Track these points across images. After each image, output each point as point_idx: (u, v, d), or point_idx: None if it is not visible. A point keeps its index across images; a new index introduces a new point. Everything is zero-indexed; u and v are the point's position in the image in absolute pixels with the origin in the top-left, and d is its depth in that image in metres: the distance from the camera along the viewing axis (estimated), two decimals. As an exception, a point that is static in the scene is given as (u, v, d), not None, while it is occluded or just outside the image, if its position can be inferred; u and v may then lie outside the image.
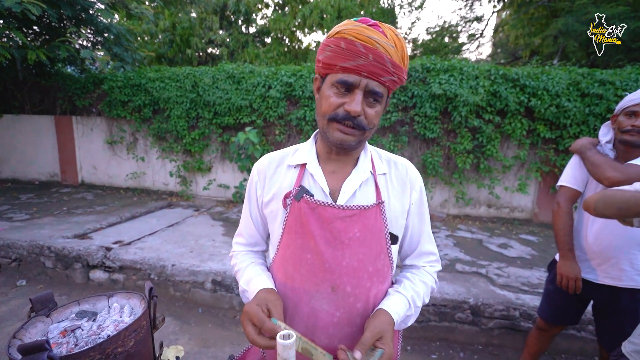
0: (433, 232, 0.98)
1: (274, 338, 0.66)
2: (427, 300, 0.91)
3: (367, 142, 0.90)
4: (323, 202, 0.81)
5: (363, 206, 0.81)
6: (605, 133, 1.57)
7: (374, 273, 0.84)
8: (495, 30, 12.09)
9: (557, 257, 1.75)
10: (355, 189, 0.84)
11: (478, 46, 13.70)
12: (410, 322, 0.89)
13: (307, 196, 0.82)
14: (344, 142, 0.77)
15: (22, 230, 3.60)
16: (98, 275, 3.09)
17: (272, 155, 0.94)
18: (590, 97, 3.96)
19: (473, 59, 13.44)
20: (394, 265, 0.90)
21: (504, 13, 11.36)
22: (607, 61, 6.98)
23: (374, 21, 0.74)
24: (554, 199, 4.35)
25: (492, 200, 4.62)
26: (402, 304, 0.83)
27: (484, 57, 14.17)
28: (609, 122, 1.56)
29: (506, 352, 2.36)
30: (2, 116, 6.00)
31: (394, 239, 0.87)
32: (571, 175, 1.61)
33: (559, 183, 1.66)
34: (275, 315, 0.73)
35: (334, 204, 0.81)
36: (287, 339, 0.63)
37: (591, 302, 1.70)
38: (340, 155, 0.85)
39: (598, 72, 4.03)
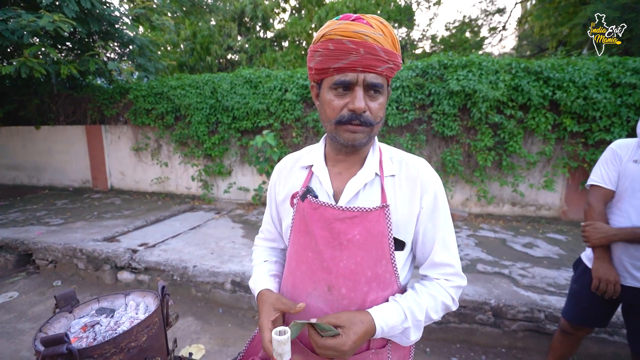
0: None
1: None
2: (435, 317, 0.84)
3: (376, 141, 0.89)
4: (324, 203, 0.81)
5: (365, 208, 0.79)
6: None
7: (373, 278, 0.81)
8: (519, 22, 11.63)
9: (582, 255, 1.66)
10: (358, 189, 0.82)
11: (501, 39, 13.24)
12: (413, 336, 0.83)
13: (311, 197, 0.83)
14: (355, 142, 0.77)
15: (57, 234, 3.84)
16: (125, 276, 3.24)
17: (290, 156, 0.99)
18: (622, 87, 3.73)
19: (496, 53, 13.01)
20: (400, 272, 0.85)
21: (528, 3, 10.92)
22: (642, 48, 6.55)
23: (356, 15, 0.73)
24: (584, 196, 4.16)
25: (517, 198, 4.44)
26: (395, 312, 0.79)
27: (507, 50, 13.67)
28: None
29: (531, 355, 2.27)
30: (40, 128, 6.43)
31: (399, 244, 0.83)
32: (602, 173, 1.52)
33: (589, 182, 1.57)
34: (283, 306, 0.80)
35: (334, 204, 0.81)
36: (282, 335, 0.64)
37: (620, 305, 1.61)
38: (348, 155, 0.85)
39: (631, 60, 3.79)
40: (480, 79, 4.00)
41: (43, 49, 4.71)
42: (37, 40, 4.79)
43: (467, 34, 12.32)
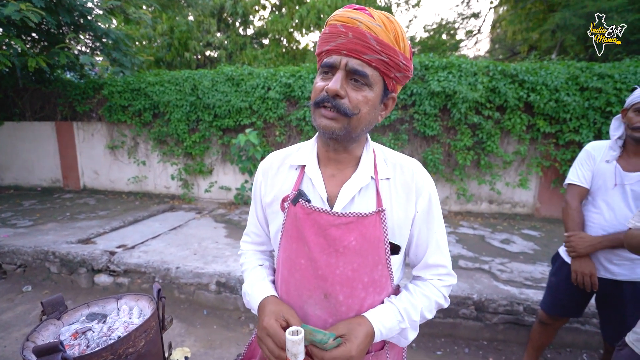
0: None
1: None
2: (429, 316, 0.85)
3: (370, 141, 0.86)
4: (318, 208, 0.77)
5: (361, 214, 0.76)
6: (617, 127, 1.55)
7: (370, 283, 0.80)
8: (493, 26, 12.10)
9: (560, 250, 1.76)
10: (354, 194, 0.79)
11: (476, 42, 13.71)
12: (410, 336, 0.84)
13: (303, 201, 0.79)
14: (326, 129, 0.73)
15: (26, 237, 3.62)
16: (103, 279, 3.11)
17: (275, 154, 0.93)
18: (589, 90, 3.97)
19: (471, 55, 13.47)
20: (395, 275, 0.85)
21: (501, 9, 11.37)
22: (605, 54, 6.99)
23: (362, 6, 0.72)
24: (555, 194, 4.38)
25: (494, 196, 4.63)
26: (391, 314, 0.80)
27: (482, 53, 14.18)
28: (620, 115, 1.54)
29: (511, 346, 2.37)
30: (3, 123, 6.03)
31: (395, 249, 0.82)
32: (578, 173, 1.62)
33: (567, 181, 1.67)
34: (293, 322, 0.75)
35: (329, 210, 0.77)
36: (295, 335, 0.64)
37: (594, 295, 1.71)
38: (338, 153, 0.81)
39: (597, 66, 4.03)
40: (460, 81, 4.12)
41: (7, 40, 4.42)
42: (1, 30, 4.48)
43: (444, 36, 12.67)
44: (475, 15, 12.22)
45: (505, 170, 4.51)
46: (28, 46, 5.51)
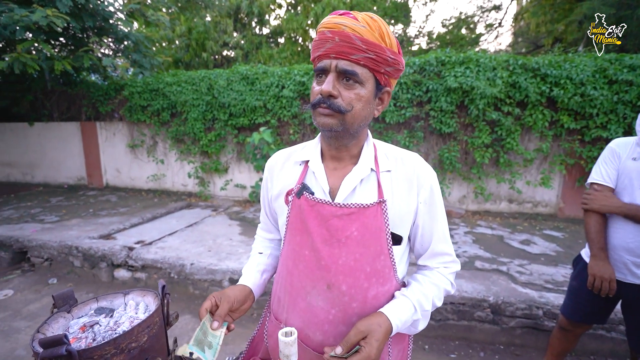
0: (451, 229, 0.92)
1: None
2: (439, 304, 0.87)
3: (370, 137, 0.89)
4: (321, 200, 0.81)
5: (362, 205, 0.79)
6: None
7: (372, 274, 0.81)
8: (515, 19, 11.64)
9: (582, 252, 1.67)
10: (355, 185, 0.82)
11: (497, 36, 13.23)
12: (421, 326, 0.86)
13: (307, 193, 0.82)
14: (325, 126, 0.77)
15: (53, 232, 3.80)
16: (122, 274, 3.22)
17: (281, 152, 0.97)
18: (618, 83, 3.75)
19: (492, 49, 13.02)
20: (398, 266, 0.86)
21: (524, 0, 10.93)
22: (638, 45, 6.59)
23: (346, 11, 0.76)
24: (580, 193, 4.18)
25: (514, 195, 4.46)
26: (406, 307, 0.81)
27: (503, 47, 13.69)
28: None
29: (529, 352, 2.28)
30: (34, 124, 6.34)
31: (396, 239, 0.84)
32: (602, 171, 1.53)
33: (590, 180, 1.58)
34: (219, 311, 0.81)
35: (331, 201, 0.81)
36: (288, 336, 0.63)
37: (620, 301, 1.61)
38: (340, 150, 0.85)
39: (627, 57, 3.81)
40: (478, 76, 3.99)
41: (36, 45, 4.63)
42: (30, 35, 4.70)
43: (463, 31, 12.32)
44: (497, 8, 11.80)
45: (526, 169, 4.34)
46: (55, 50, 5.77)
